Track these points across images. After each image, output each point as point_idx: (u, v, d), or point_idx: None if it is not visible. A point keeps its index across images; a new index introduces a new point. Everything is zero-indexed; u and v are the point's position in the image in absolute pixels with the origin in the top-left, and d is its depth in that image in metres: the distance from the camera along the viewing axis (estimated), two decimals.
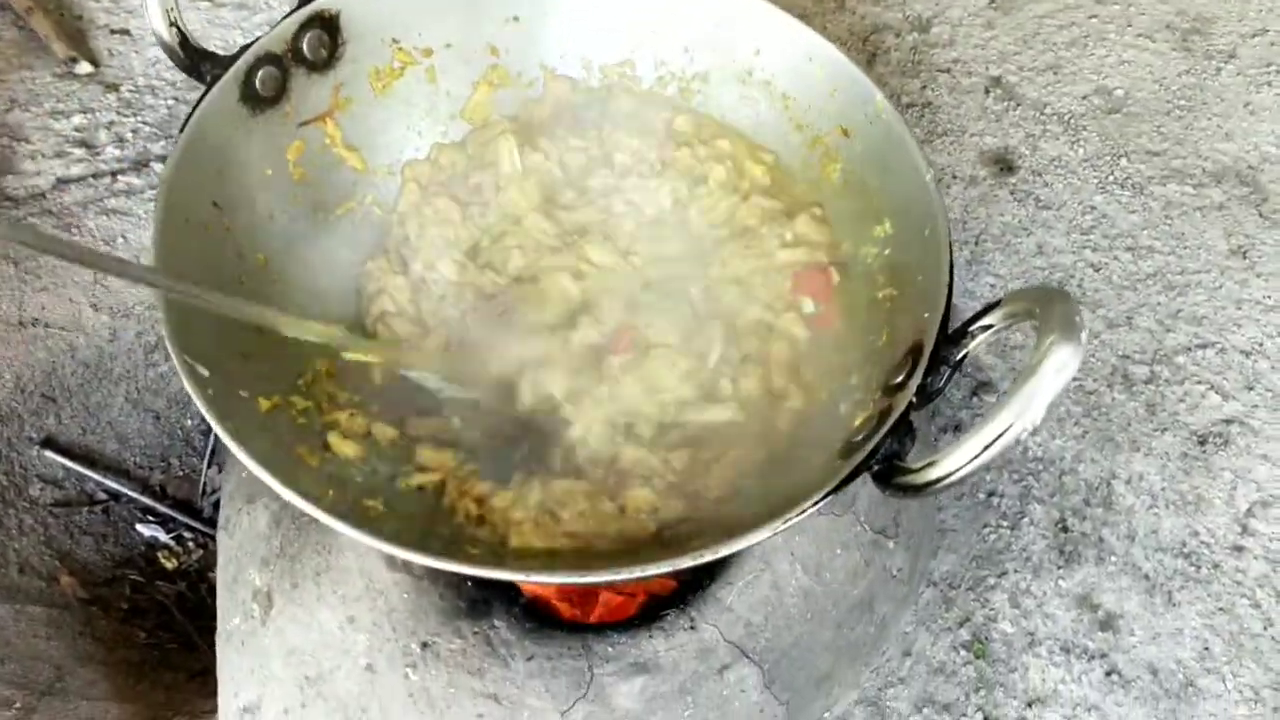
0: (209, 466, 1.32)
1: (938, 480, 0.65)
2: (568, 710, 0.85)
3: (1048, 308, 0.66)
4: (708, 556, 0.68)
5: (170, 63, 1.42)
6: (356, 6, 0.92)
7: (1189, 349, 1.28)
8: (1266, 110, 1.49)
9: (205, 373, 0.73)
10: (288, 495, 0.68)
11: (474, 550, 0.74)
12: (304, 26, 0.89)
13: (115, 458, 1.28)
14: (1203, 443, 1.21)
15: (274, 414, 0.80)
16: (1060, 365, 0.61)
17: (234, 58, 0.85)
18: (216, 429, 0.70)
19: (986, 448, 0.63)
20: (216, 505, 1.30)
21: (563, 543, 0.76)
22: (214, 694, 1.11)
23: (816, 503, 0.70)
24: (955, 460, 0.64)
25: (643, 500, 0.79)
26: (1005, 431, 0.62)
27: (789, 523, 0.69)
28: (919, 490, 0.67)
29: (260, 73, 0.86)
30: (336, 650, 0.83)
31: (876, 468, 0.72)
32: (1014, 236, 1.36)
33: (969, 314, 1.26)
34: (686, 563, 0.68)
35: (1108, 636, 1.08)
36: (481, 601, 0.85)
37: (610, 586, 1.01)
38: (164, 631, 1.21)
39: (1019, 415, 0.61)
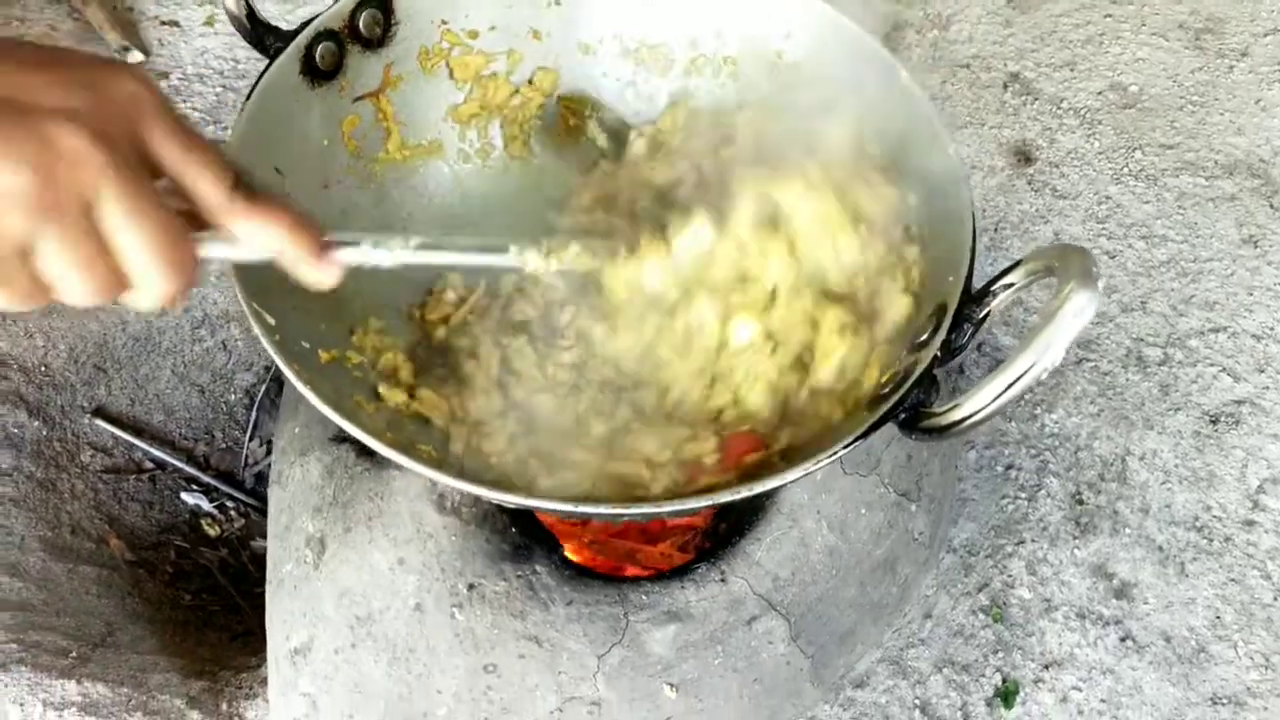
0: (250, 439, 1.37)
1: (962, 420, 0.69)
2: (604, 654, 0.89)
3: (1066, 261, 0.70)
4: (744, 493, 0.72)
5: (218, 52, 1.48)
6: None
7: (1201, 333, 1.31)
8: (1278, 106, 1.53)
9: (271, 321, 0.78)
10: (353, 430, 0.72)
11: (520, 488, 0.78)
12: (360, 5, 0.94)
13: (162, 428, 1.33)
14: (1214, 422, 1.24)
15: (332, 365, 0.84)
16: (1079, 309, 0.65)
17: (296, 32, 0.90)
18: (285, 371, 0.74)
19: (1009, 387, 0.66)
20: (258, 477, 1.35)
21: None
22: (255, 653, 1.16)
23: (848, 445, 0.74)
24: (979, 400, 0.68)
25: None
26: (1027, 371, 0.66)
27: (820, 464, 0.73)
28: (944, 431, 0.71)
29: (320, 47, 0.91)
30: (387, 591, 0.87)
31: (903, 415, 0.76)
32: (1031, 224, 1.40)
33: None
34: (725, 498, 0.72)
35: (1122, 604, 1.12)
36: (524, 547, 0.89)
37: (645, 551, 1.06)
38: (207, 595, 1.25)
39: (1040, 355, 0.65)
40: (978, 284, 0.82)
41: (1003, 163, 1.46)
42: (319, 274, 0.62)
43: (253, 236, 0.57)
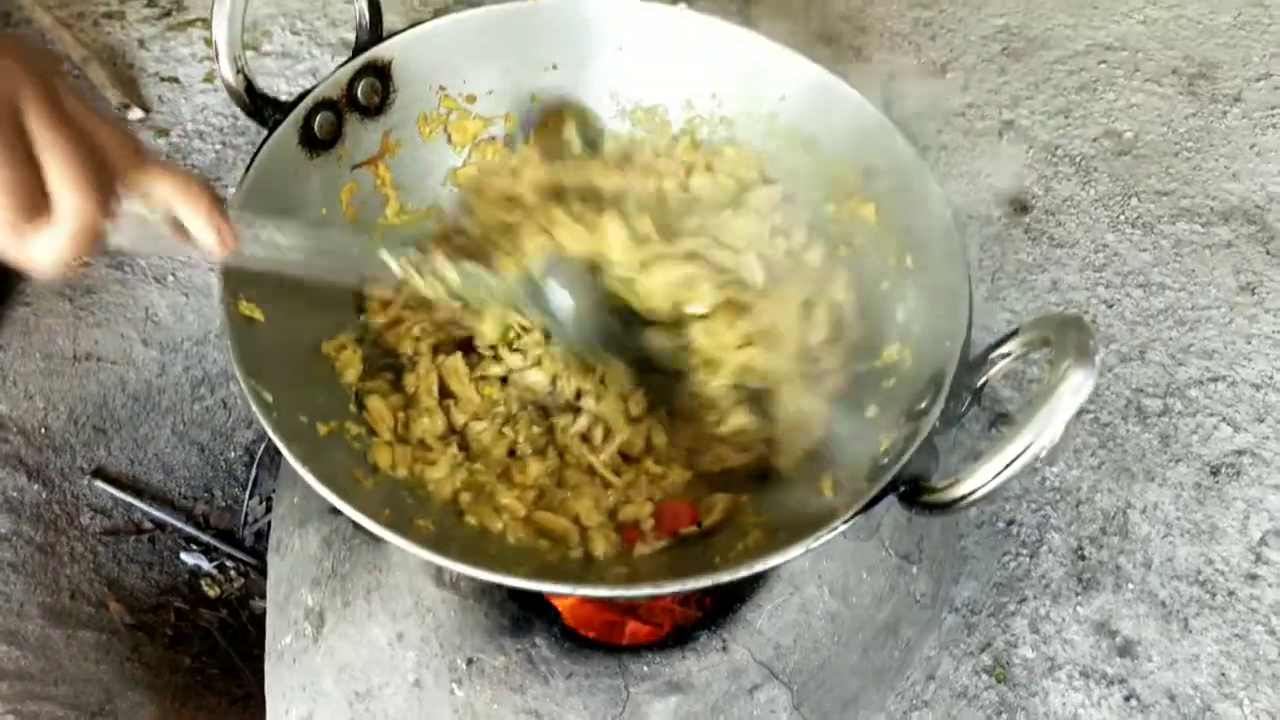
0: (250, 497, 1.36)
1: (962, 498, 0.69)
2: None
3: (1063, 334, 0.70)
4: (744, 572, 0.72)
5: (217, 109, 1.49)
6: (407, 55, 0.97)
7: (1201, 382, 1.31)
8: (1272, 152, 1.53)
9: (270, 398, 0.78)
10: (349, 511, 0.73)
11: (522, 567, 0.78)
12: (359, 74, 0.94)
13: (161, 488, 1.33)
14: (1215, 473, 1.24)
15: (331, 438, 0.84)
16: (1075, 387, 0.65)
17: (294, 103, 0.90)
18: (283, 450, 0.74)
19: (1007, 466, 0.67)
20: (258, 535, 1.35)
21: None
22: (255, 719, 1.15)
23: (847, 520, 0.74)
24: (978, 479, 0.68)
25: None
26: (1025, 450, 0.66)
27: (820, 540, 0.73)
28: (944, 508, 0.71)
29: (318, 118, 0.92)
30: (386, 667, 0.86)
31: (903, 489, 0.76)
32: (1029, 274, 1.40)
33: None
34: (725, 577, 0.72)
35: (1126, 662, 1.11)
36: (523, 620, 0.88)
37: (646, 606, 1.05)
38: (207, 658, 1.25)
39: (1038, 434, 0.66)
40: (975, 351, 0.82)
41: (999, 212, 1.46)
42: (215, 237, 0.65)
43: (153, 185, 0.60)
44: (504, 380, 0.94)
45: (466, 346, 0.96)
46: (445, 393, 0.93)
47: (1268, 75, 1.63)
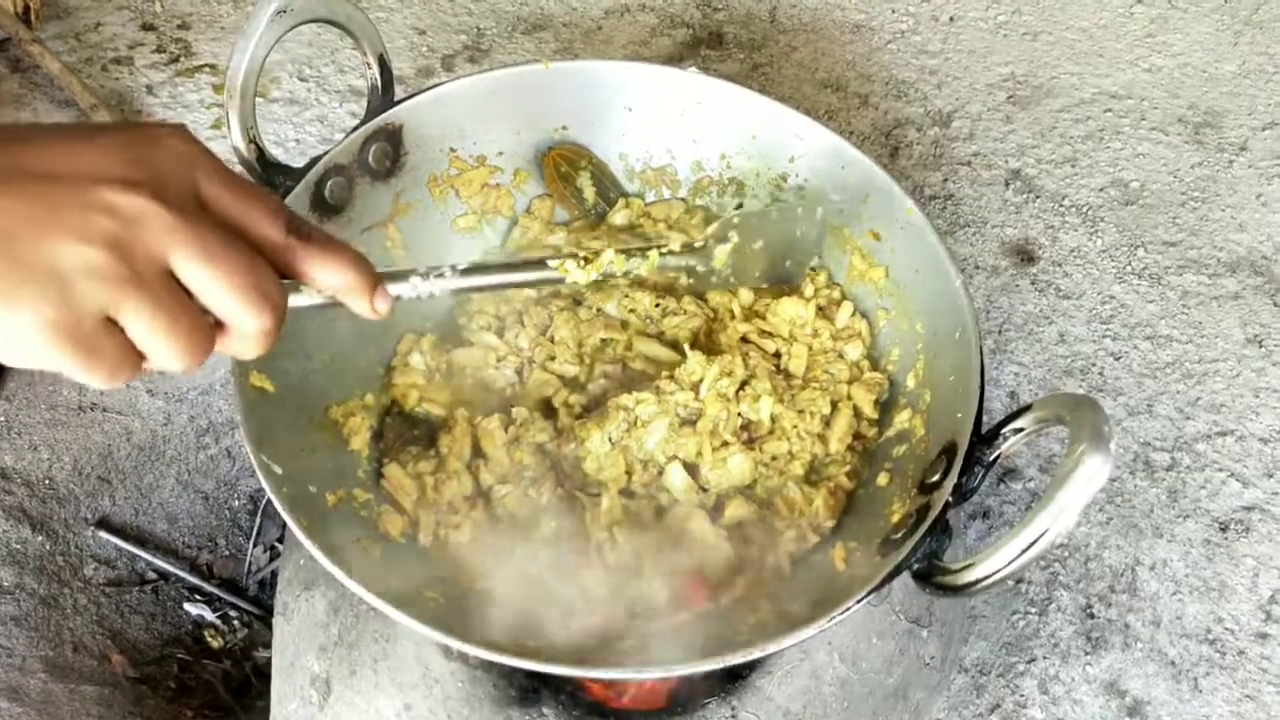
0: (254, 545, 1.36)
1: (976, 582, 0.69)
2: None
3: (1077, 416, 0.70)
4: (756, 653, 0.72)
5: (225, 156, 1.49)
6: (418, 119, 0.98)
7: (1209, 436, 1.31)
8: (1278, 202, 1.54)
9: (279, 470, 0.78)
10: (357, 590, 0.72)
11: (531, 643, 0.77)
12: (370, 139, 0.95)
13: (165, 538, 1.32)
14: (1224, 529, 1.24)
15: (339, 507, 0.84)
16: (1091, 474, 0.65)
17: (305, 169, 0.91)
18: (292, 527, 0.74)
19: (1023, 552, 0.67)
20: (261, 584, 1.34)
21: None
22: None
23: (860, 600, 0.74)
24: (993, 564, 0.68)
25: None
26: (1040, 538, 0.66)
27: (834, 620, 0.73)
28: (958, 590, 0.71)
29: (330, 183, 0.92)
30: None
31: (916, 566, 0.76)
32: (1036, 325, 1.40)
33: (997, 407, 1.29)
34: (738, 659, 0.71)
35: None
36: (531, 690, 0.88)
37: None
38: (210, 710, 1.24)
39: (1053, 522, 0.65)
40: (987, 422, 0.82)
41: (1006, 263, 1.46)
42: (375, 307, 0.62)
43: (315, 275, 0.57)
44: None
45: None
46: (474, 454, 0.93)
47: (1273, 124, 1.63)
